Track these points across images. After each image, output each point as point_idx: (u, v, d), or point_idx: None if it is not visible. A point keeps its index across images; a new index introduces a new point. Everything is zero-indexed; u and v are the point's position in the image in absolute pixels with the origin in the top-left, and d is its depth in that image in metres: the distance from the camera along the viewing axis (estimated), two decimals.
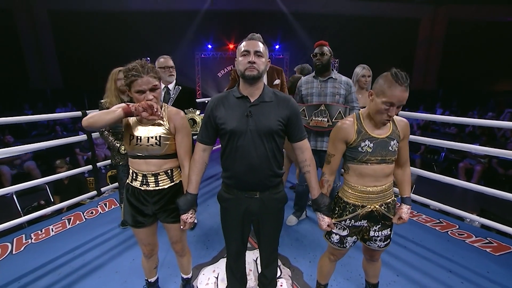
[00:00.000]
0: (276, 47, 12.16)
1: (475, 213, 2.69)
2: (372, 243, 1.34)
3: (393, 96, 1.09)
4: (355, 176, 1.25)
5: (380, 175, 1.23)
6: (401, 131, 1.24)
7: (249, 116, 1.17)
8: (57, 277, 1.83)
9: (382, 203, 1.27)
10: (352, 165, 1.25)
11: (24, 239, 2.26)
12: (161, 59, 2.13)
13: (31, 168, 5.00)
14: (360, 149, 1.20)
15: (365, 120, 1.23)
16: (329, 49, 2.12)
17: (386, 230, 1.32)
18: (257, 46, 1.17)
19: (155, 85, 1.19)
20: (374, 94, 1.16)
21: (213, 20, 11.42)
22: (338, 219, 1.32)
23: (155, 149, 1.25)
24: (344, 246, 1.35)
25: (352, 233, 1.32)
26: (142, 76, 1.15)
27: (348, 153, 1.26)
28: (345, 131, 1.22)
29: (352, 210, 1.28)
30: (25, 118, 2.34)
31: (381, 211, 1.27)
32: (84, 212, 2.70)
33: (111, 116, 1.13)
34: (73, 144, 5.59)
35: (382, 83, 1.12)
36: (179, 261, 1.58)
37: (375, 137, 1.20)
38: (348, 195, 1.29)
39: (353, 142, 1.21)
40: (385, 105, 1.11)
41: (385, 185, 1.25)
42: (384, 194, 1.26)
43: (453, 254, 2.06)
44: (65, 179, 3.43)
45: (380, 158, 1.20)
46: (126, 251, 2.08)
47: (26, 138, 6.55)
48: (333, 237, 1.35)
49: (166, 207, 1.33)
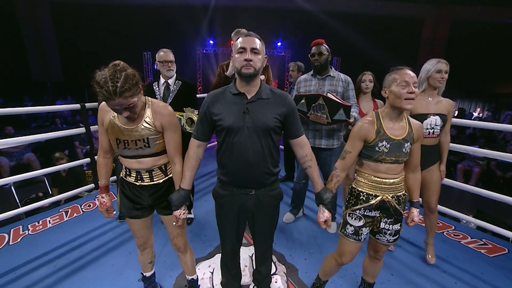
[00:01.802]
0: (278, 44, 12.12)
1: (471, 214, 2.70)
2: (381, 236, 1.36)
3: (404, 75, 1.18)
4: (369, 169, 1.30)
5: (393, 172, 1.27)
6: (416, 133, 1.27)
7: (246, 113, 1.17)
8: (53, 268, 1.84)
9: (394, 195, 1.30)
10: (367, 162, 1.30)
11: (21, 230, 2.27)
12: (161, 52, 2.08)
13: (31, 159, 5.00)
14: (377, 149, 1.24)
15: (385, 120, 1.26)
16: (327, 47, 2.10)
17: (397, 225, 1.34)
18: (254, 42, 1.15)
19: (129, 104, 1.06)
20: (387, 88, 1.24)
21: (215, 16, 11.36)
22: (353, 207, 1.34)
23: (145, 150, 1.23)
24: (359, 239, 1.35)
25: (366, 223, 1.33)
26: (114, 99, 1.01)
27: (364, 151, 1.29)
28: (366, 130, 1.25)
29: (366, 199, 1.30)
30: (24, 110, 2.32)
31: (393, 203, 1.29)
32: (81, 205, 2.71)
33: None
34: (73, 137, 5.59)
35: (389, 75, 1.23)
36: (182, 259, 1.55)
37: (392, 138, 1.23)
38: (362, 184, 1.32)
39: (372, 141, 1.24)
40: (401, 86, 1.17)
41: (397, 179, 1.29)
42: (396, 186, 1.29)
43: (448, 254, 2.07)
44: (63, 172, 3.43)
45: (394, 158, 1.24)
46: (123, 245, 2.08)
47: (26, 130, 6.55)
48: (347, 228, 1.36)
49: (163, 198, 1.33)
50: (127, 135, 1.19)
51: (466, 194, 2.44)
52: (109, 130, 1.21)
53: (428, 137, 1.79)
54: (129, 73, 1.05)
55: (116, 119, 1.20)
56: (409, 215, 1.38)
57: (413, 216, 1.37)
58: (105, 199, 1.34)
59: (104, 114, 1.23)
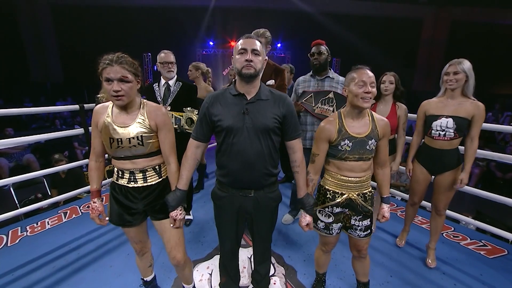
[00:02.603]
0: (278, 45, 12.14)
1: (471, 215, 2.70)
2: (353, 232, 1.40)
3: (362, 75, 1.21)
4: (335, 167, 1.34)
5: (358, 170, 1.30)
6: (381, 130, 1.29)
7: (246, 114, 1.17)
8: (52, 270, 1.83)
9: (359, 192, 1.33)
10: (332, 160, 1.34)
11: (20, 232, 2.27)
12: (161, 54, 2.09)
13: (31, 161, 5.00)
14: (340, 148, 1.27)
15: (346, 119, 1.30)
16: (327, 48, 2.11)
17: (366, 221, 1.37)
18: (255, 44, 1.16)
19: (125, 76, 1.12)
20: (346, 87, 1.28)
21: (215, 17, 11.39)
22: (322, 205, 1.39)
23: (138, 149, 1.21)
24: (330, 233, 1.41)
25: (336, 220, 1.39)
26: (112, 65, 1.11)
27: (329, 150, 1.32)
28: (328, 131, 1.28)
29: (332, 198, 1.35)
30: (23, 110, 2.32)
31: (359, 200, 1.33)
32: (80, 206, 2.71)
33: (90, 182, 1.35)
34: (71, 138, 5.60)
35: (349, 74, 1.27)
36: (179, 272, 1.48)
37: (354, 136, 1.26)
38: (328, 182, 1.37)
39: (334, 141, 1.28)
40: (358, 86, 1.20)
41: (363, 177, 1.32)
42: (362, 184, 1.33)
43: (447, 256, 2.07)
44: (62, 173, 3.43)
45: (357, 156, 1.27)
46: (121, 246, 2.08)
47: (26, 131, 6.55)
48: (319, 224, 1.43)
49: (155, 202, 1.30)
50: (121, 133, 1.19)
51: (466, 195, 2.44)
52: (103, 130, 1.21)
53: (438, 139, 1.76)
54: (131, 58, 1.18)
55: (110, 119, 1.20)
56: (379, 211, 1.40)
57: (383, 212, 1.39)
58: (97, 203, 1.31)
59: (98, 116, 1.23)
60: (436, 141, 1.78)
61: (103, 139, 1.23)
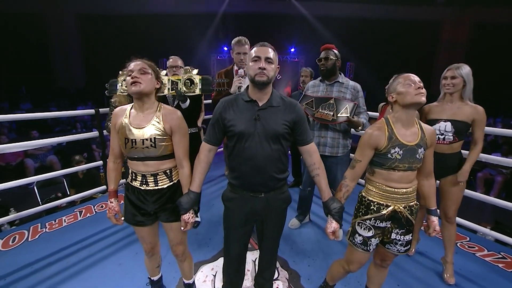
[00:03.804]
0: (291, 50, 12.17)
1: (489, 225, 2.55)
2: (392, 246, 1.31)
3: (408, 76, 1.19)
4: (381, 178, 1.25)
5: (405, 181, 1.23)
6: (429, 139, 1.24)
7: (257, 120, 1.21)
8: (66, 265, 1.93)
9: (406, 205, 1.26)
10: (379, 170, 1.25)
11: (40, 228, 2.41)
12: (170, 59, 2.22)
13: (53, 162, 5.30)
14: (390, 156, 1.20)
15: (395, 125, 1.22)
16: (336, 53, 2.10)
17: (408, 235, 1.29)
18: (268, 52, 1.20)
19: (145, 68, 1.22)
20: (393, 92, 1.23)
21: (230, 23, 11.62)
22: (363, 217, 1.30)
23: (150, 151, 1.25)
24: (367, 249, 1.31)
25: (376, 234, 1.29)
26: (136, 61, 1.23)
27: (376, 159, 1.24)
28: (377, 138, 1.21)
29: (377, 209, 1.26)
30: (42, 115, 2.49)
31: (405, 213, 1.25)
32: (94, 206, 2.83)
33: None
34: (90, 141, 5.87)
35: (393, 81, 1.25)
36: (180, 266, 1.56)
37: (405, 144, 1.19)
38: (373, 193, 1.28)
39: (383, 149, 1.20)
40: (407, 85, 1.17)
41: (410, 188, 1.25)
42: (408, 196, 1.25)
43: (460, 267, 1.97)
44: (80, 174, 3.61)
45: (407, 165, 1.20)
46: (130, 245, 2.16)
47: (50, 134, 6.95)
48: (356, 238, 1.32)
49: (165, 205, 1.34)
50: (135, 134, 1.23)
51: (487, 204, 2.32)
52: (120, 131, 1.27)
53: (438, 143, 1.74)
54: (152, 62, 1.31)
55: (127, 120, 1.26)
56: (430, 225, 1.32)
57: (434, 226, 1.30)
58: (114, 203, 1.37)
59: (117, 118, 1.29)
60: (436, 146, 1.74)
61: (120, 139, 1.28)
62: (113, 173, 1.38)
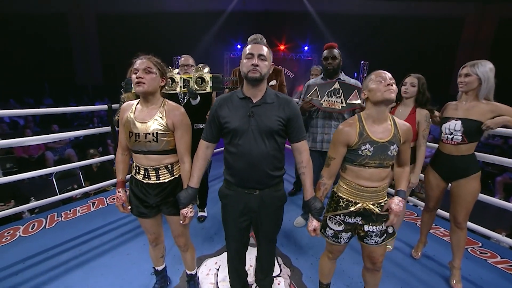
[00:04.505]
0: (305, 48, 12.04)
1: (504, 232, 2.45)
2: (369, 240, 1.31)
3: (379, 73, 1.19)
4: (352, 175, 1.27)
5: (376, 178, 1.23)
6: (403, 135, 1.23)
7: (251, 116, 1.22)
8: (78, 252, 2.04)
9: (375, 202, 1.27)
10: (350, 166, 1.26)
11: (56, 217, 2.54)
12: (182, 58, 2.27)
13: (71, 155, 5.56)
14: (360, 152, 1.20)
15: (367, 122, 1.23)
16: (339, 52, 2.09)
17: (380, 226, 1.29)
18: (261, 49, 1.21)
19: (149, 67, 1.25)
20: (365, 89, 1.23)
21: (243, 21, 11.63)
22: (333, 212, 1.33)
23: (152, 145, 1.29)
24: (339, 241, 1.35)
25: (346, 229, 1.32)
26: (142, 59, 1.26)
27: (347, 155, 1.26)
28: (347, 134, 1.22)
29: (345, 206, 1.29)
30: (58, 110, 2.62)
31: (374, 210, 1.26)
32: (106, 198, 2.96)
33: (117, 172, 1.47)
34: (106, 135, 6.09)
35: (365, 79, 1.25)
36: (183, 256, 1.61)
37: (376, 140, 1.19)
38: (343, 190, 1.30)
39: (354, 145, 1.21)
40: (378, 82, 1.17)
41: (380, 187, 1.25)
42: (378, 194, 1.26)
43: (470, 272, 1.91)
44: (94, 167, 3.76)
45: (378, 162, 1.20)
46: (138, 237, 2.24)
47: (69, 128, 7.27)
48: (327, 231, 1.37)
49: (167, 199, 1.38)
50: (139, 128, 1.28)
51: (507, 211, 2.22)
52: (125, 124, 1.32)
53: (446, 143, 1.70)
54: (158, 59, 1.33)
55: (133, 114, 1.31)
56: (388, 201, 1.27)
57: (390, 203, 1.26)
58: (121, 193, 1.43)
59: (124, 113, 1.35)
60: (445, 145, 1.72)
61: (125, 133, 1.33)
62: (121, 165, 1.44)
